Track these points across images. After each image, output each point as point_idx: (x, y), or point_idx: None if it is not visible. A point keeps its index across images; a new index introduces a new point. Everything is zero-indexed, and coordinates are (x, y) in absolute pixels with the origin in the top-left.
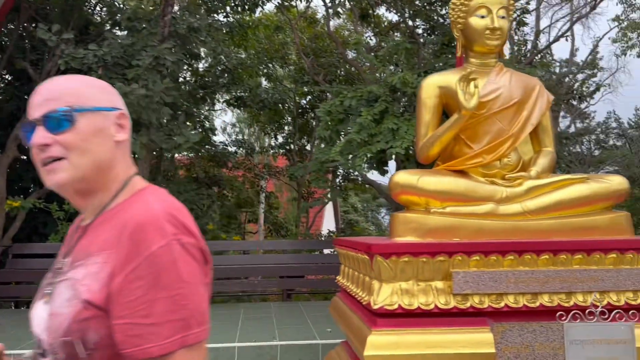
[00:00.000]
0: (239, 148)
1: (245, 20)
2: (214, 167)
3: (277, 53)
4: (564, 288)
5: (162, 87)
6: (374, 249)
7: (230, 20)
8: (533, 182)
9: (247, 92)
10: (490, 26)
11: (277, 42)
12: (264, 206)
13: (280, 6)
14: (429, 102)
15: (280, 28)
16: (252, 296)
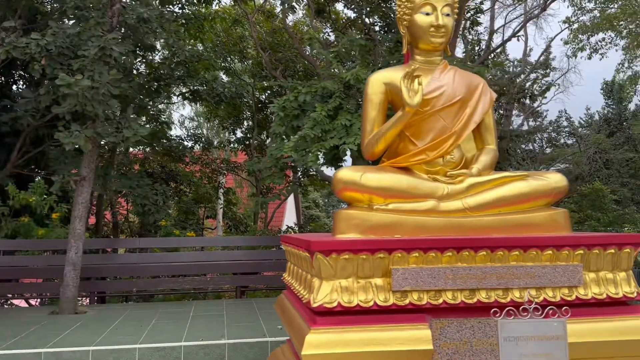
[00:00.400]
0: (196, 143)
1: (201, 13)
2: (170, 162)
3: (235, 47)
4: (501, 284)
5: (109, 79)
6: (313, 247)
7: (185, 12)
8: (474, 179)
9: (204, 86)
10: (435, 23)
11: (235, 35)
12: (223, 202)
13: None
14: (374, 98)
15: (238, 21)
16: (206, 294)
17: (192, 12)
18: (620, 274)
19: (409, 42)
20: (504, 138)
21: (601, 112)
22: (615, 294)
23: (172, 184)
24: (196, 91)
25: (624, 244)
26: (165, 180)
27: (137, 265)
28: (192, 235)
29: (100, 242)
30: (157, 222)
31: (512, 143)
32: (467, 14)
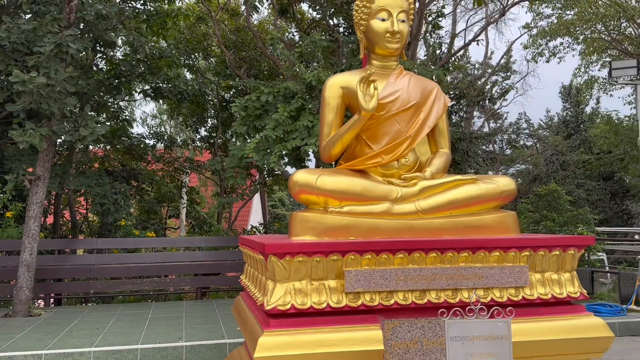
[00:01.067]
0: (158, 141)
1: (163, 9)
2: (132, 160)
3: (199, 44)
4: (450, 285)
5: (65, 76)
6: (267, 249)
7: (147, 8)
8: (426, 183)
9: (166, 83)
10: (390, 29)
11: (199, 33)
12: (186, 201)
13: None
14: (332, 102)
15: (201, 19)
16: (167, 295)
17: (155, 9)
18: (565, 275)
19: (366, 47)
20: (463, 140)
21: (560, 115)
22: (559, 294)
23: (134, 183)
24: (158, 88)
25: (568, 246)
26: (126, 179)
27: (94, 267)
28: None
29: (57, 243)
30: (117, 221)
31: (471, 145)
32: (429, 18)
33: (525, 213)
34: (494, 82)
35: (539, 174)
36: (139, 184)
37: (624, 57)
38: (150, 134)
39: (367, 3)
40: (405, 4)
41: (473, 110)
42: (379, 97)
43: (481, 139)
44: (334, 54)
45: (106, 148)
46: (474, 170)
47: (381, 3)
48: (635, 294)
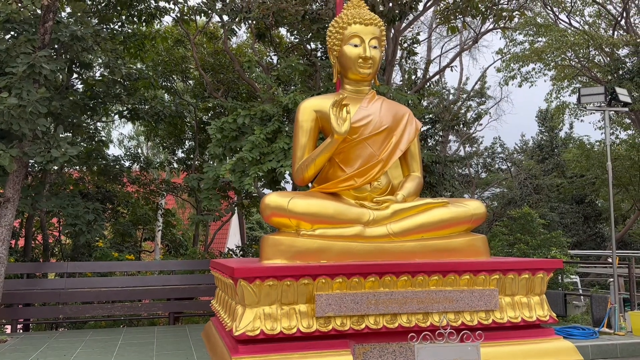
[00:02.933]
0: (133, 163)
1: (141, 31)
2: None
3: (177, 67)
4: (421, 309)
5: (37, 97)
6: (237, 273)
7: (125, 30)
8: (398, 206)
9: (141, 104)
10: (362, 55)
11: (177, 55)
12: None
13: (179, 19)
14: (305, 125)
15: (180, 42)
16: (140, 320)
17: (132, 31)
18: (534, 298)
19: (339, 72)
20: (438, 163)
21: (535, 139)
22: (529, 318)
23: (109, 205)
24: (134, 110)
25: (537, 269)
26: (101, 201)
27: (64, 291)
28: (131, 258)
29: (26, 267)
30: (90, 243)
31: (446, 168)
32: (404, 44)
33: (500, 236)
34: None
35: (513, 197)
36: (115, 207)
37: (594, 83)
38: (125, 155)
39: (340, 29)
40: (377, 31)
41: (448, 134)
42: (352, 121)
43: (456, 162)
44: (311, 78)
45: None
46: (450, 193)
47: (354, 30)
48: (607, 317)
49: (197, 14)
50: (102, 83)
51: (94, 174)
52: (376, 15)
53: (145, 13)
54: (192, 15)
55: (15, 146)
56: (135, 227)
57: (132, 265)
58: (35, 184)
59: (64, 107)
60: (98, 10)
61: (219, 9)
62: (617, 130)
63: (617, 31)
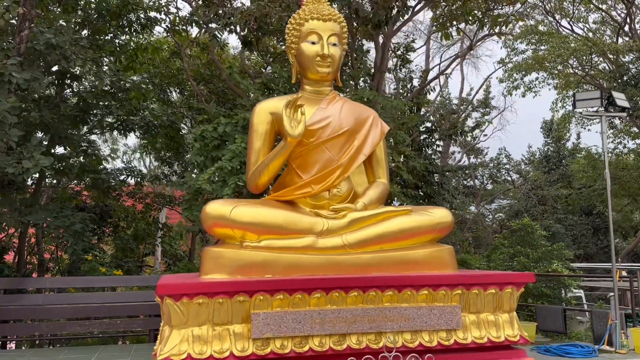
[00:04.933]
0: (128, 176)
1: (132, 42)
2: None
3: (173, 78)
4: (372, 328)
5: (7, 106)
6: (161, 290)
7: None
8: (356, 214)
9: (132, 116)
10: (320, 53)
11: (173, 67)
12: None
13: (170, 30)
14: (259, 128)
15: (176, 53)
16: (123, 337)
17: (123, 42)
18: (503, 316)
19: (298, 72)
20: (435, 173)
21: (541, 150)
22: (496, 338)
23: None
24: (125, 121)
25: (505, 284)
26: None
27: (41, 307)
28: (119, 273)
29: (2, 282)
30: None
31: (444, 178)
32: (398, 52)
33: (502, 248)
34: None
35: (519, 209)
36: (115, 221)
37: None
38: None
39: (297, 26)
40: (336, 27)
41: (450, 144)
42: (308, 123)
43: (454, 172)
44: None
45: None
46: (449, 203)
47: (311, 26)
48: (607, 334)
49: (187, 24)
50: (90, 94)
51: (88, 188)
52: (336, 11)
53: (136, 23)
54: (183, 25)
55: None
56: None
57: (112, 281)
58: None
59: (54, 119)
60: (90, 21)
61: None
62: (624, 139)
63: (621, 37)
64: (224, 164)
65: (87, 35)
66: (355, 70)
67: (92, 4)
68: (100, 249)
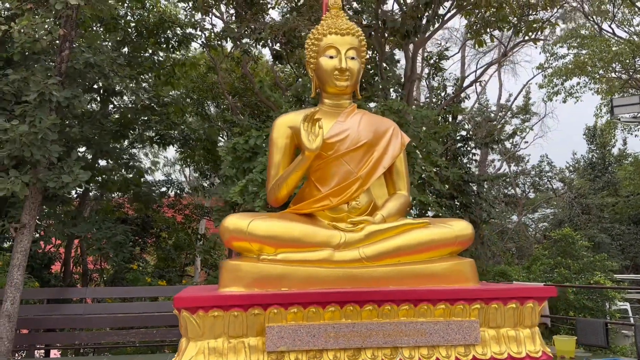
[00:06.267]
0: (168, 188)
1: (169, 59)
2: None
3: (209, 92)
4: (388, 343)
5: (48, 124)
6: (177, 303)
7: (155, 58)
8: (373, 227)
9: (169, 130)
10: (339, 67)
11: (209, 81)
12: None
13: (205, 45)
14: (279, 142)
15: (212, 68)
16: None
17: (162, 58)
18: (524, 331)
19: (317, 86)
20: (472, 182)
21: (585, 157)
22: (517, 354)
23: (152, 231)
24: (164, 135)
25: (526, 298)
26: (142, 226)
27: (81, 317)
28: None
29: (45, 292)
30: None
31: (480, 187)
32: (430, 60)
33: (542, 259)
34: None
35: (562, 218)
36: (157, 232)
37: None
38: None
39: (316, 41)
40: (355, 41)
41: (487, 153)
42: (326, 137)
43: (490, 181)
44: None
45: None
46: (487, 213)
47: (329, 40)
48: None
49: (222, 39)
50: (131, 109)
51: (130, 201)
52: (354, 25)
53: (173, 40)
54: (217, 40)
55: (28, 172)
56: (177, 252)
57: (148, 291)
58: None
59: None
60: (130, 40)
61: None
62: None
63: None
64: (255, 176)
65: (127, 53)
66: (385, 81)
67: (131, 23)
68: (143, 259)
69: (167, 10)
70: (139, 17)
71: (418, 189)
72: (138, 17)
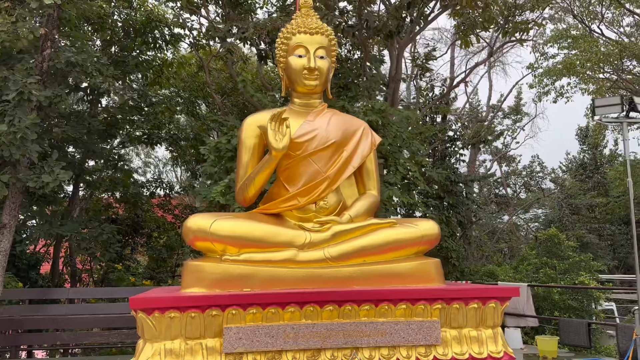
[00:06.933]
0: (157, 188)
1: (156, 58)
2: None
3: (199, 92)
4: (348, 343)
5: (27, 123)
6: (133, 304)
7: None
8: (339, 227)
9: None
10: (307, 66)
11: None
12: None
13: (192, 45)
14: (248, 142)
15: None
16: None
17: (149, 57)
18: (486, 331)
19: (287, 86)
20: (458, 182)
21: (577, 158)
22: (479, 354)
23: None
24: (151, 135)
25: (488, 298)
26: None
27: (63, 317)
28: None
29: (26, 293)
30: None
31: (467, 187)
32: (417, 61)
33: (529, 259)
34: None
35: (553, 219)
36: (148, 232)
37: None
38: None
39: (285, 40)
40: (324, 41)
41: (477, 153)
42: (294, 136)
43: (478, 181)
44: None
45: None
46: (473, 212)
47: (298, 39)
48: (631, 349)
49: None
50: (117, 109)
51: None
52: (324, 24)
53: (160, 39)
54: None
55: (7, 172)
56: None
57: (133, 292)
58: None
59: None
60: (119, 39)
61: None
62: None
63: None
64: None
65: (116, 53)
66: (368, 81)
67: (118, 22)
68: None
69: (155, 10)
70: (126, 16)
71: (402, 190)
72: (125, 16)
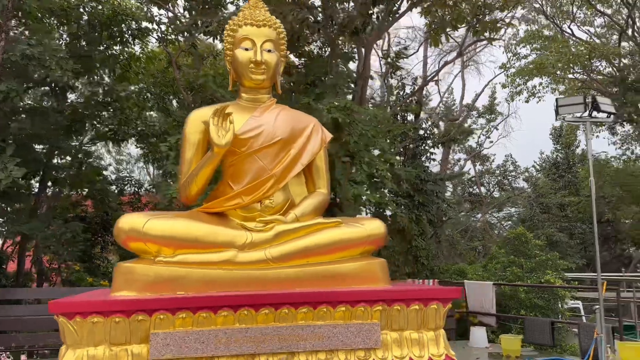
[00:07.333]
0: (126, 185)
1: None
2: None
3: (171, 87)
4: (284, 348)
5: None
6: (52, 308)
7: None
8: (282, 227)
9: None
10: (253, 59)
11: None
12: None
13: (161, 40)
14: (192, 138)
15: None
16: None
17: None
18: (428, 334)
19: (234, 80)
20: (427, 181)
21: (550, 157)
22: (419, 357)
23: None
24: (117, 131)
25: (430, 299)
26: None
27: (20, 319)
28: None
29: None
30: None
31: (436, 186)
32: (388, 58)
33: (498, 258)
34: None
35: (524, 217)
36: None
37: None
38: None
39: (232, 32)
40: (272, 34)
41: (449, 152)
42: (239, 132)
43: (449, 180)
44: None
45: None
46: (443, 211)
47: (245, 32)
48: (592, 348)
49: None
50: (81, 104)
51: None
52: (272, 17)
53: (127, 33)
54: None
55: None
56: None
57: None
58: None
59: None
60: (85, 33)
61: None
62: (632, 145)
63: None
64: None
65: (82, 47)
66: (335, 78)
67: (83, 16)
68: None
69: (122, 3)
70: (91, 9)
71: (370, 188)
72: (91, 9)
